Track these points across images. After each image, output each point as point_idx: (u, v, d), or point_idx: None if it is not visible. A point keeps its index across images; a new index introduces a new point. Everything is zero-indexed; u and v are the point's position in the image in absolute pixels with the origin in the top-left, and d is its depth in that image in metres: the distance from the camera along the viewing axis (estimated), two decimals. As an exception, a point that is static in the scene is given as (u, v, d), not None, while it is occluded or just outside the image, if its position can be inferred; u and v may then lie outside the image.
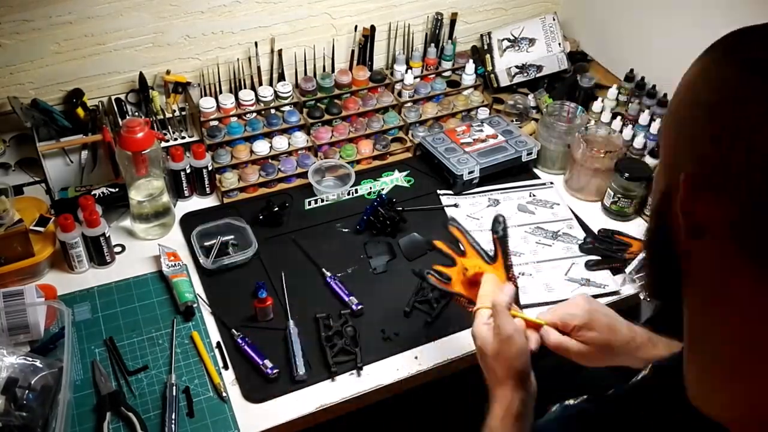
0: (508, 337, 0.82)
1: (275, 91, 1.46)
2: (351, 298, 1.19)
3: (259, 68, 1.48)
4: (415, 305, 1.18)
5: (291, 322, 1.14)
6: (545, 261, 1.30)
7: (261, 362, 1.08)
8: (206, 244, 1.28)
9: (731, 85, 0.49)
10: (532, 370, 0.82)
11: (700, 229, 0.50)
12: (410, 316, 1.17)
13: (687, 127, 0.52)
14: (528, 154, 1.47)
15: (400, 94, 1.57)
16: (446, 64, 1.64)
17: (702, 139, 0.50)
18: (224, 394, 1.05)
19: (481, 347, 0.85)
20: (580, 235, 1.35)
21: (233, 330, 1.13)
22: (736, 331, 0.50)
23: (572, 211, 1.41)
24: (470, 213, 1.40)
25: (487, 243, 1.32)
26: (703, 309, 0.53)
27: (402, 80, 1.56)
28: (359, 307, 1.17)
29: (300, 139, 1.45)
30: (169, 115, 1.41)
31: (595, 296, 1.22)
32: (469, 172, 1.42)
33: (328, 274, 1.23)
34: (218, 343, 1.12)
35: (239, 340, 1.11)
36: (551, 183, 1.48)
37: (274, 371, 1.06)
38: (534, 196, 1.45)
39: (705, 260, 0.51)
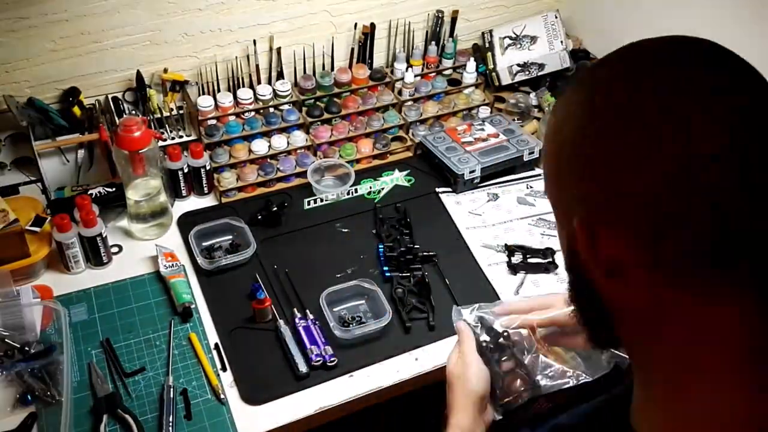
0: (469, 362, 0.84)
1: (274, 90, 1.45)
2: (325, 347, 1.09)
3: (257, 66, 1.47)
4: (410, 318, 1.16)
5: (281, 322, 1.13)
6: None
7: (321, 348, 1.08)
8: (204, 244, 1.27)
9: (585, 124, 0.49)
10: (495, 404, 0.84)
11: (613, 268, 0.49)
12: (410, 332, 1.15)
13: (563, 175, 0.52)
14: (530, 154, 1.45)
15: (400, 92, 1.56)
16: (447, 63, 1.62)
17: (579, 180, 0.50)
18: (222, 396, 1.04)
19: (448, 372, 0.86)
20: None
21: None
22: (667, 354, 0.51)
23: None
24: (472, 209, 1.39)
25: (492, 239, 1.32)
26: (639, 339, 0.53)
27: (402, 78, 1.55)
28: (332, 360, 1.08)
29: (299, 138, 1.43)
30: (166, 113, 1.40)
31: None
32: (470, 172, 1.40)
33: (298, 315, 1.14)
34: (216, 345, 1.11)
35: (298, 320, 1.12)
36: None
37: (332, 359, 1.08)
38: (531, 187, 1.44)
39: (629, 296, 0.51)
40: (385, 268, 1.24)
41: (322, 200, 1.39)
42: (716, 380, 0.49)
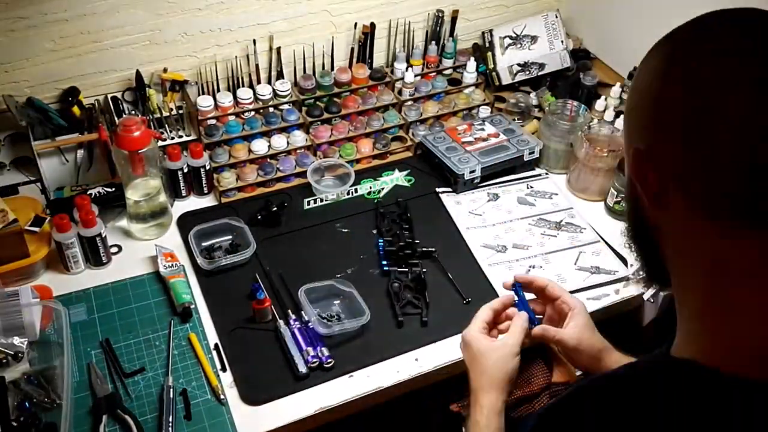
0: (503, 344, 0.88)
1: (274, 90, 1.44)
2: (321, 349, 1.09)
3: (257, 66, 1.46)
4: (404, 313, 1.16)
5: (281, 322, 1.13)
6: (553, 252, 1.30)
7: (317, 350, 1.09)
8: (204, 244, 1.27)
9: (657, 75, 0.57)
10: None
11: (660, 197, 0.57)
12: (403, 326, 1.15)
13: (634, 114, 0.59)
14: (530, 153, 1.45)
15: (400, 92, 1.55)
16: (447, 62, 1.62)
17: (645, 119, 0.57)
18: (222, 397, 1.03)
19: (476, 350, 0.89)
20: (583, 223, 1.36)
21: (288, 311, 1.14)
22: (707, 282, 0.57)
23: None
24: (472, 209, 1.39)
25: (493, 239, 1.32)
26: (682, 268, 0.60)
27: (402, 78, 1.55)
28: (329, 361, 1.08)
29: (299, 138, 1.43)
30: (166, 113, 1.39)
31: (605, 283, 1.24)
32: (471, 172, 1.40)
33: (293, 316, 1.14)
34: (216, 345, 1.11)
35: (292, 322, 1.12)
36: (546, 173, 1.48)
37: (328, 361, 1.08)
38: (532, 187, 1.44)
39: (673, 228, 0.58)
40: (384, 262, 1.24)
41: (321, 200, 1.39)
42: (757, 299, 0.54)
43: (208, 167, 1.36)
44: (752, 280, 0.54)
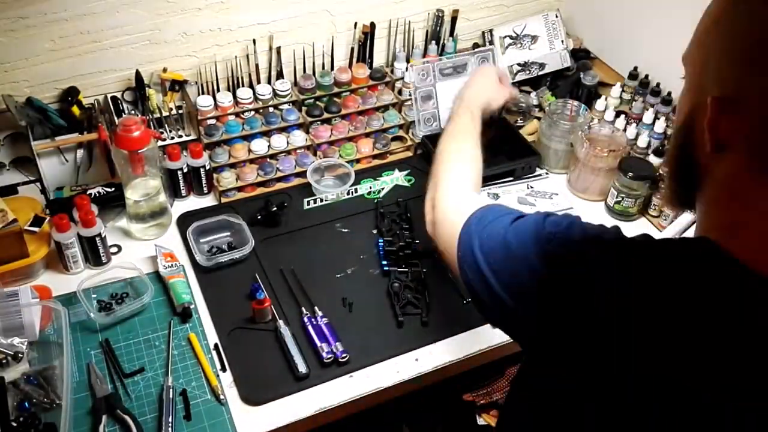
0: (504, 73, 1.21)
1: (274, 89, 1.44)
2: (336, 344, 1.09)
3: (257, 66, 1.46)
4: (404, 313, 1.16)
5: (281, 322, 1.13)
6: None
7: (332, 345, 1.09)
8: (202, 241, 1.27)
9: (758, 19, 0.53)
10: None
11: (723, 145, 0.56)
12: (403, 326, 1.15)
13: (713, 54, 0.58)
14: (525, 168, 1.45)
15: (400, 92, 1.55)
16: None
17: (727, 65, 0.56)
18: (222, 397, 1.03)
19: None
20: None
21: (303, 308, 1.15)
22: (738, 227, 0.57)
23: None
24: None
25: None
26: (718, 212, 0.60)
27: (402, 78, 1.54)
28: (344, 355, 1.09)
29: (299, 137, 1.43)
30: (165, 113, 1.39)
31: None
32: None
33: (306, 314, 1.15)
34: (216, 345, 1.11)
35: (306, 320, 1.13)
36: (546, 173, 1.47)
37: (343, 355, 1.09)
38: (532, 188, 1.44)
39: (724, 172, 0.58)
40: (384, 262, 1.24)
41: (321, 200, 1.39)
42: None
43: (207, 167, 1.36)
44: None
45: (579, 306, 0.59)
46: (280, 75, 1.49)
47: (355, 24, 1.53)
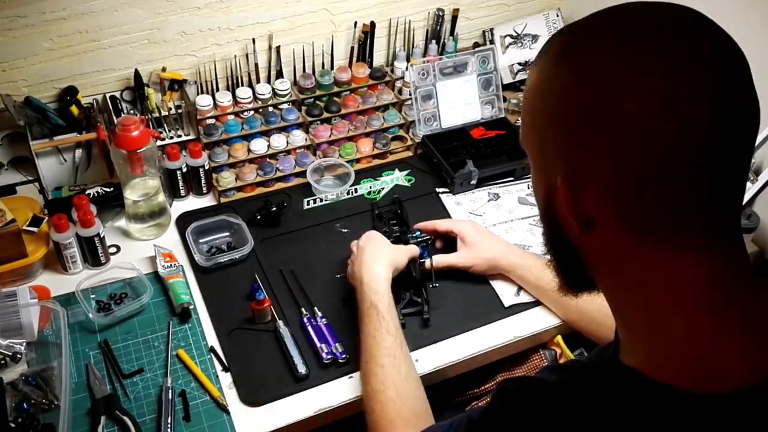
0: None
1: (273, 89, 1.44)
2: (336, 345, 1.09)
3: (256, 65, 1.46)
4: (404, 313, 1.15)
5: (280, 323, 1.12)
6: None
7: (332, 346, 1.09)
8: (202, 241, 1.26)
9: (569, 87, 0.53)
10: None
11: (590, 220, 0.55)
12: (405, 327, 1.14)
13: (545, 133, 0.57)
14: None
15: (400, 91, 1.55)
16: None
17: (563, 139, 0.55)
18: (221, 398, 1.03)
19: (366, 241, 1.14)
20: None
21: (302, 309, 1.15)
22: (638, 297, 0.57)
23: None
24: (472, 210, 1.38)
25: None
26: (613, 284, 0.60)
27: (402, 77, 1.54)
28: (343, 356, 1.08)
29: (298, 137, 1.42)
30: (164, 113, 1.39)
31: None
32: (468, 172, 1.39)
33: (306, 314, 1.14)
34: (211, 348, 1.10)
35: (305, 320, 1.13)
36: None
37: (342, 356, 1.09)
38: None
39: (602, 246, 0.57)
40: None
41: (321, 200, 1.38)
42: (682, 317, 0.55)
43: (207, 167, 1.35)
44: (676, 290, 0.54)
45: None
46: (279, 74, 1.49)
47: (355, 23, 1.53)
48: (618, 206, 0.53)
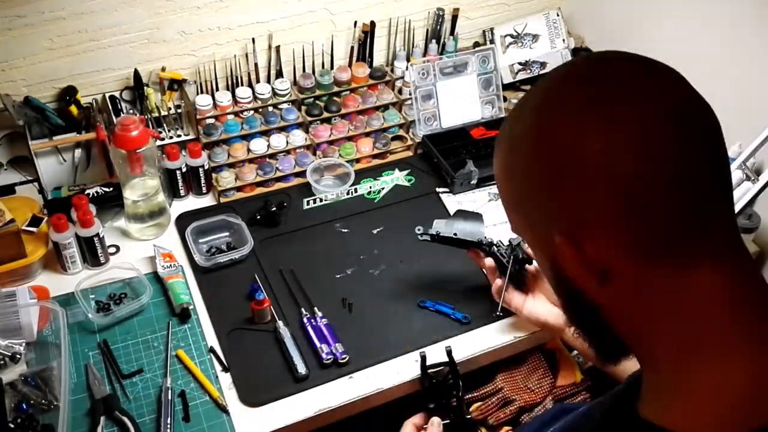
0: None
1: (273, 89, 1.43)
2: (336, 345, 1.09)
3: (256, 65, 1.45)
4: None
5: (280, 323, 1.12)
6: None
7: (332, 346, 1.09)
8: (201, 241, 1.26)
9: (533, 143, 0.53)
10: None
11: (605, 271, 0.52)
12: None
13: (527, 204, 0.55)
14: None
15: (400, 91, 1.55)
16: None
17: (544, 199, 0.53)
18: (220, 399, 1.03)
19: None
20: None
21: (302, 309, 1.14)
22: (666, 338, 0.53)
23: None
24: (473, 210, 1.37)
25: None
26: (638, 333, 0.55)
27: (403, 77, 1.54)
28: (343, 356, 1.08)
29: (298, 137, 1.42)
30: (164, 112, 1.39)
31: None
32: (468, 172, 1.39)
33: (306, 314, 1.14)
34: (211, 348, 1.10)
35: (305, 320, 1.12)
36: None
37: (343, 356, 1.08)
38: None
39: (623, 290, 0.52)
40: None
41: (321, 200, 1.38)
42: (715, 351, 0.51)
43: (206, 167, 1.35)
44: (702, 307, 0.51)
45: None
46: (279, 74, 1.49)
47: (355, 23, 1.53)
48: (629, 244, 0.50)
